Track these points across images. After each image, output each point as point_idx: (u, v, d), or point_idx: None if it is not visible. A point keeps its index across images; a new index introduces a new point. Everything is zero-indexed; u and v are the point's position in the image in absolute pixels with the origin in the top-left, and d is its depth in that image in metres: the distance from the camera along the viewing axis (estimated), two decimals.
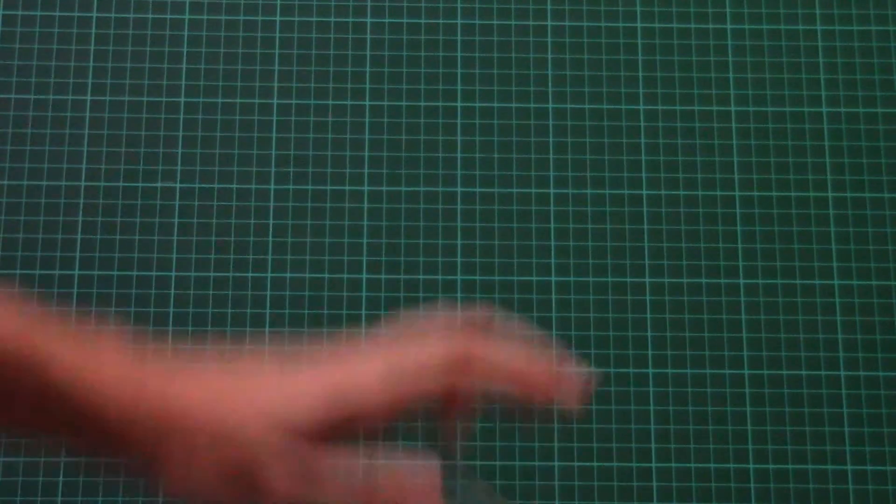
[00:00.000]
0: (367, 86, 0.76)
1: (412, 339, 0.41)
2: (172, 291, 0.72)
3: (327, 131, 0.75)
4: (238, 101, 0.76)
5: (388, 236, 0.74)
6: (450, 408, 0.43)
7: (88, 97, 0.75)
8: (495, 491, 0.47)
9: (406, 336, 0.42)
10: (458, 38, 0.77)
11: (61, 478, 0.69)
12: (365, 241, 0.73)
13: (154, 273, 0.72)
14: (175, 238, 0.73)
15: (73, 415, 0.41)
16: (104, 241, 0.73)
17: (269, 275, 0.73)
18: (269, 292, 0.72)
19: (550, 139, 0.76)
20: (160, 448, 0.42)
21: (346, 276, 0.73)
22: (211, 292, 0.72)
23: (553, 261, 0.74)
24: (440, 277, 0.73)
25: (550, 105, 0.76)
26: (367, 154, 0.75)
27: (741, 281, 0.73)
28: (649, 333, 0.72)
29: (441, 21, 0.78)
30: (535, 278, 0.73)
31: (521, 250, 0.74)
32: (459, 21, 0.78)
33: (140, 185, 0.74)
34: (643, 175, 0.75)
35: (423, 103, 0.76)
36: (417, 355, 0.40)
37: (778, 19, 0.78)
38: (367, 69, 0.77)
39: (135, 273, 0.72)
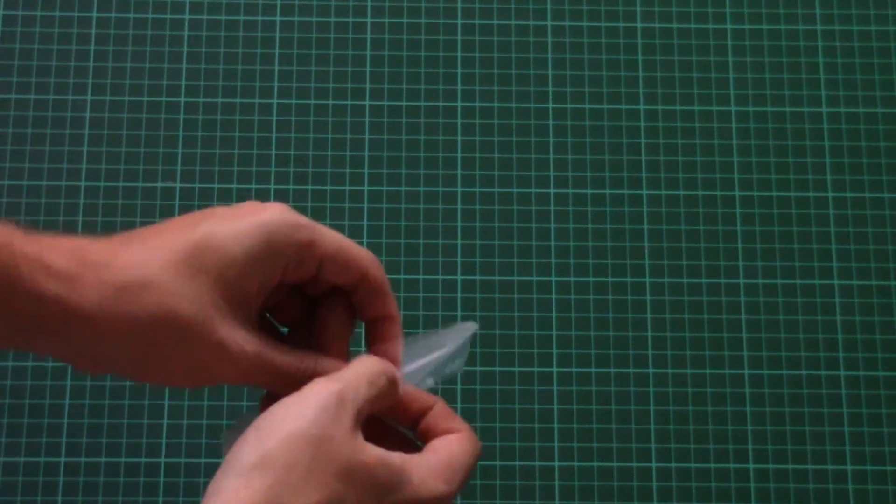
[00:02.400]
0: (367, 86, 0.76)
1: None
2: None
3: (327, 131, 0.75)
4: (238, 100, 0.76)
5: (388, 236, 0.74)
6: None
7: (88, 97, 0.75)
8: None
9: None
10: (458, 38, 0.77)
11: (61, 478, 0.69)
12: (365, 241, 0.73)
13: None
14: None
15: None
16: None
17: None
18: None
19: (550, 139, 0.76)
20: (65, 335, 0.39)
21: None
22: None
23: (553, 261, 0.73)
24: (440, 277, 0.73)
25: (550, 105, 0.76)
26: (367, 154, 0.75)
27: (741, 281, 0.73)
28: (649, 333, 0.72)
29: (441, 21, 0.78)
30: (535, 278, 0.73)
31: (521, 250, 0.74)
32: (459, 21, 0.78)
33: (140, 184, 0.74)
34: (643, 175, 0.75)
35: (423, 103, 0.76)
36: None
37: (778, 19, 0.78)
38: (367, 69, 0.77)
39: None
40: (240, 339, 0.40)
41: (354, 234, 0.73)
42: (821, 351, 0.72)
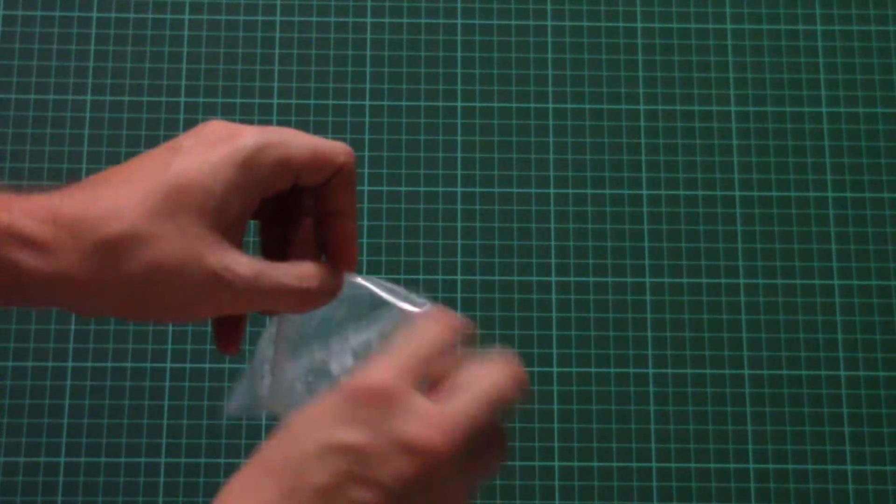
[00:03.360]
0: (367, 86, 0.76)
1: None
2: None
3: (327, 131, 0.75)
4: (238, 101, 0.76)
5: (388, 236, 0.74)
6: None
7: (88, 97, 0.75)
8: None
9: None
10: (458, 38, 0.77)
11: (61, 478, 0.69)
12: (365, 241, 0.73)
13: None
14: None
15: None
16: None
17: None
18: None
19: (550, 139, 0.76)
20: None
21: None
22: None
23: (553, 261, 0.74)
24: (440, 277, 0.73)
25: (550, 105, 0.76)
26: (367, 154, 0.75)
27: (741, 281, 0.73)
28: (649, 333, 0.72)
29: (441, 21, 0.78)
30: (535, 278, 0.73)
31: (521, 250, 0.74)
32: (459, 21, 0.78)
33: None
34: (643, 175, 0.75)
35: (423, 103, 0.76)
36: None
37: (778, 19, 0.78)
38: (367, 69, 0.77)
39: None
40: (232, 264, 0.40)
41: None
42: (821, 351, 0.72)
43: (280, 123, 0.75)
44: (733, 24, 0.78)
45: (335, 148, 0.43)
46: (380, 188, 0.74)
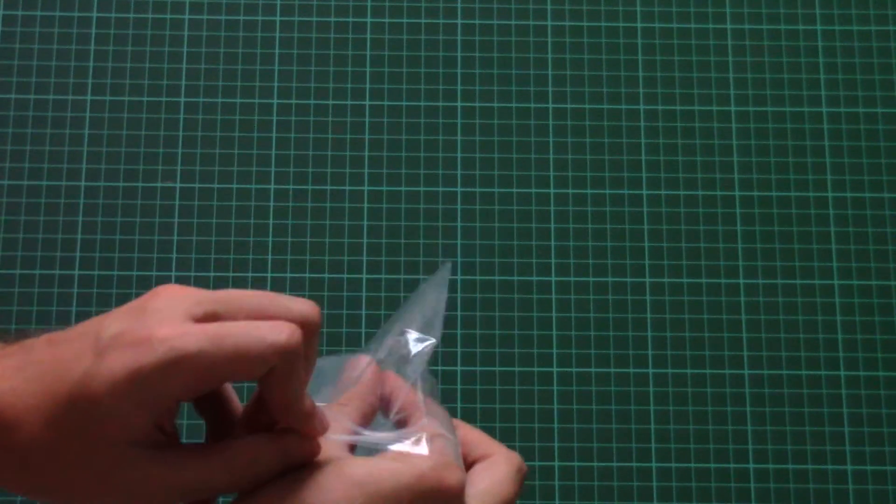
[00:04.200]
0: (367, 86, 0.76)
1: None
2: None
3: (327, 131, 0.75)
4: (238, 101, 0.76)
5: (388, 236, 0.74)
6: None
7: (88, 97, 0.75)
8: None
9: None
10: (458, 38, 0.77)
11: None
12: (365, 241, 0.73)
13: (154, 273, 0.72)
14: (175, 238, 0.73)
15: None
16: (104, 241, 0.73)
17: (269, 275, 0.73)
18: None
19: (550, 139, 0.76)
20: None
21: (346, 276, 0.73)
22: None
23: (553, 261, 0.73)
24: None
25: (550, 105, 0.76)
26: (367, 154, 0.75)
27: (741, 281, 0.73)
28: (649, 333, 0.72)
29: (441, 21, 0.78)
30: (535, 278, 0.73)
31: (521, 250, 0.74)
32: (459, 21, 0.78)
33: (140, 185, 0.74)
34: (643, 175, 0.75)
35: (423, 103, 0.76)
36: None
37: (778, 19, 0.78)
38: (367, 69, 0.77)
39: (135, 273, 0.72)
40: (141, 482, 0.36)
41: (354, 234, 0.73)
42: (821, 351, 0.72)
43: (280, 123, 0.75)
44: (733, 24, 0.78)
45: (267, 346, 0.36)
46: (380, 188, 0.74)
